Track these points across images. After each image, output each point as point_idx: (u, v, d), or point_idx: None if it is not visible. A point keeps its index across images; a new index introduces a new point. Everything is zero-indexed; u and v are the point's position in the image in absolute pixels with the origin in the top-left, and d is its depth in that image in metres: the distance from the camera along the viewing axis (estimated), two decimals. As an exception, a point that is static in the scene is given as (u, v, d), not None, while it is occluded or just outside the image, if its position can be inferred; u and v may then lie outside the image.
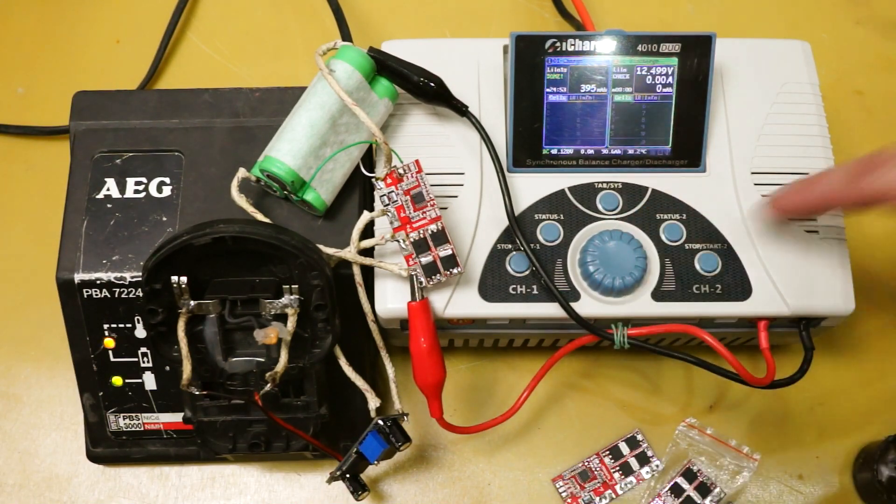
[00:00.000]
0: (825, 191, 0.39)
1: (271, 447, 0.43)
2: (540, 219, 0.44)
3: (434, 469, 0.49)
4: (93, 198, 0.45)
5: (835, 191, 0.38)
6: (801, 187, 0.41)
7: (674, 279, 0.43)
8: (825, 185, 0.39)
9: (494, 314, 0.43)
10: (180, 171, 0.45)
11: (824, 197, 0.39)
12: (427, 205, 0.42)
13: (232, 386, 0.41)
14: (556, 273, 0.43)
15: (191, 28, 0.61)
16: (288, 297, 0.40)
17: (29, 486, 0.49)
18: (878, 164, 0.36)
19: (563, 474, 0.49)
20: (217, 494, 0.48)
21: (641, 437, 0.49)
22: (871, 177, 0.36)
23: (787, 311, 0.43)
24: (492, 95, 0.47)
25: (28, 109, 0.58)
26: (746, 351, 0.50)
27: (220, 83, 0.50)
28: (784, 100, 0.47)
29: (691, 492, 0.48)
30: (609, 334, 0.43)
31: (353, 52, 0.43)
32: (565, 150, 0.45)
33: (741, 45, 0.48)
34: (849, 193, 0.37)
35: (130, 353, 0.45)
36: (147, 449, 0.47)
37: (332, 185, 0.44)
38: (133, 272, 0.43)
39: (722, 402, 0.51)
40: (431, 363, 0.42)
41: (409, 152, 0.45)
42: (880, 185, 0.36)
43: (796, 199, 0.41)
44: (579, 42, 0.44)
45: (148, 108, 0.47)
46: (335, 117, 0.43)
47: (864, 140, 0.58)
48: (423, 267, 0.42)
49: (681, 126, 0.45)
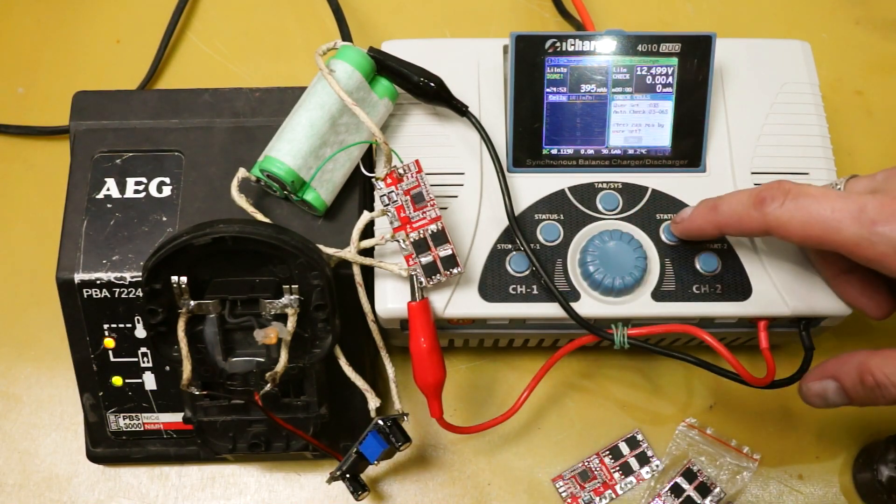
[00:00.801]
0: (729, 215, 0.39)
1: (271, 447, 0.43)
2: (540, 219, 0.44)
3: (434, 469, 0.49)
4: (93, 198, 0.45)
5: (739, 215, 0.39)
6: (706, 211, 0.41)
7: (674, 279, 0.43)
8: (729, 209, 0.39)
9: (494, 314, 0.43)
10: (180, 171, 0.45)
11: (728, 222, 0.40)
12: (427, 205, 0.42)
13: (232, 386, 0.41)
14: (556, 273, 0.43)
15: (191, 28, 0.61)
16: (288, 297, 0.40)
17: (29, 486, 0.49)
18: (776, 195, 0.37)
19: (563, 474, 0.49)
20: (217, 494, 0.48)
21: (641, 437, 0.50)
22: (773, 206, 0.37)
23: (787, 311, 0.43)
24: (492, 95, 0.47)
25: (28, 109, 0.58)
26: (746, 351, 0.50)
27: (220, 83, 0.50)
28: (784, 100, 0.47)
29: (691, 492, 0.48)
30: (609, 334, 0.43)
31: (353, 52, 0.43)
32: (565, 150, 0.46)
33: (741, 45, 0.48)
34: (751, 220, 0.38)
35: (130, 353, 0.45)
36: (147, 449, 0.47)
37: (332, 185, 0.44)
38: (133, 272, 0.43)
39: (722, 402, 0.51)
40: (431, 363, 0.42)
41: (409, 152, 0.45)
42: (779, 216, 0.37)
43: (700, 222, 0.41)
44: (579, 42, 0.44)
45: (148, 108, 0.47)
46: (335, 117, 0.43)
47: (864, 140, 0.58)
48: (423, 267, 0.42)
49: (681, 126, 0.45)
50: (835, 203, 0.36)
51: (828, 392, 0.39)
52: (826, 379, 0.39)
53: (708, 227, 0.41)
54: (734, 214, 0.39)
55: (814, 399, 0.40)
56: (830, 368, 0.39)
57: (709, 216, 0.41)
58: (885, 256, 0.35)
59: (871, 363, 0.37)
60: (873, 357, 0.37)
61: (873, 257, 0.35)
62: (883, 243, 0.34)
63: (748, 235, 0.43)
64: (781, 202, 0.37)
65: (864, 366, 0.37)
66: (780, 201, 0.37)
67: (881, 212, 0.35)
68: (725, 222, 0.40)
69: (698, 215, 0.42)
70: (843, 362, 0.39)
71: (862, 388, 0.38)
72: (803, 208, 0.36)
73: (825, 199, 0.36)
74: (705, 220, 0.41)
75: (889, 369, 0.36)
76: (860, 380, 0.37)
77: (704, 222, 0.41)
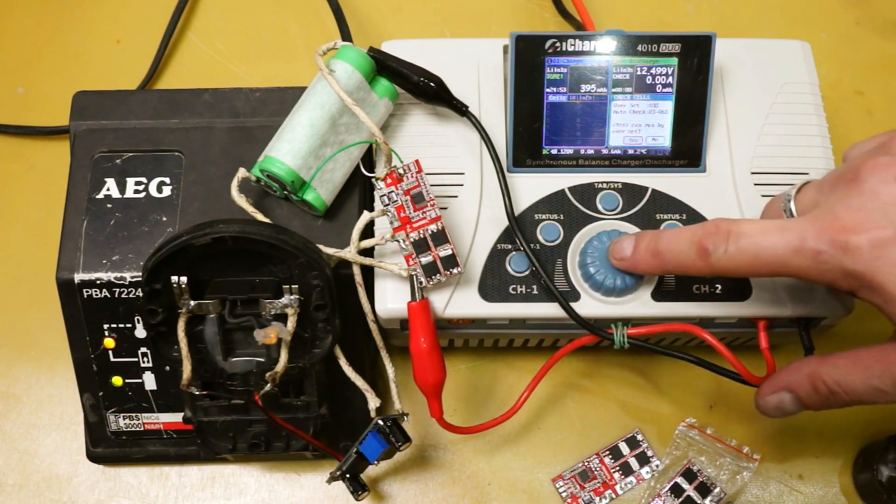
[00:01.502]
0: (675, 264, 0.39)
1: (271, 447, 0.43)
2: (540, 219, 0.44)
3: (434, 469, 0.49)
4: (93, 198, 0.45)
5: (684, 265, 0.39)
6: (649, 256, 0.40)
7: (674, 279, 0.43)
8: (674, 258, 0.39)
9: (494, 314, 0.43)
10: (180, 171, 0.45)
11: (674, 270, 0.40)
12: (427, 205, 0.42)
13: (232, 386, 0.41)
14: (556, 273, 0.43)
15: (191, 28, 0.61)
16: (288, 297, 0.40)
17: (29, 486, 0.49)
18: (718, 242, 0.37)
19: (563, 474, 0.49)
20: (217, 494, 0.48)
21: (641, 437, 0.50)
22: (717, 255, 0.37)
23: (788, 311, 0.43)
24: (492, 95, 0.47)
25: (28, 109, 0.58)
26: (746, 351, 0.50)
27: (220, 83, 0.50)
28: (784, 100, 0.47)
29: (691, 492, 0.48)
30: (609, 334, 0.43)
31: (353, 52, 0.43)
32: (565, 150, 0.46)
33: (741, 45, 0.48)
34: (698, 269, 0.38)
35: (130, 353, 0.45)
36: (147, 449, 0.47)
37: (332, 185, 0.44)
38: (133, 272, 0.43)
39: (722, 402, 0.51)
40: (431, 363, 0.42)
41: (409, 152, 0.45)
42: (726, 263, 0.37)
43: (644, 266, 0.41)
44: (579, 42, 0.44)
45: (148, 108, 0.47)
46: (335, 117, 0.43)
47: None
48: (423, 267, 0.42)
49: (681, 126, 0.45)
50: (775, 238, 0.35)
51: (784, 403, 0.40)
52: (780, 391, 0.40)
53: (652, 269, 0.41)
54: (679, 264, 0.39)
55: (772, 411, 0.40)
56: (783, 380, 0.39)
57: (653, 262, 0.40)
58: (836, 281, 0.35)
59: (821, 371, 0.37)
60: (823, 365, 0.37)
61: (826, 282, 0.35)
62: (830, 271, 0.34)
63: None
64: (725, 249, 0.36)
65: (814, 375, 0.38)
66: (723, 248, 0.36)
67: (820, 239, 0.34)
68: (671, 267, 0.39)
69: (642, 259, 0.40)
70: (793, 372, 0.39)
71: (816, 396, 0.38)
72: (745, 251, 0.36)
73: (765, 234, 0.36)
74: (649, 265, 0.40)
75: (838, 376, 0.37)
76: (813, 389, 0.38)
77: (649, 267, 0.40)
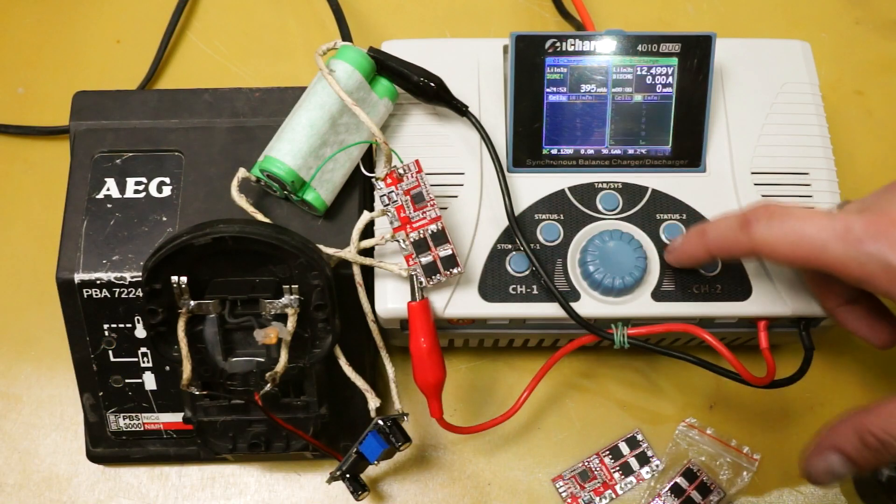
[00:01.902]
0: (717, 238, 0.39)
1: (271, 447, 0.43)
2: (540, 219, 0.44)
3: (434, 469, 0.49)
4: (93, 198, 0.45)
5: (726, 239, 0.38)
6: (696, 236, 0.41)
7: (674, 279, 0.43)
8: (717, 233, 0.39)
9: (494, 314, 0.43)
10: (180, 171, 0.45)
11: (716, 245, 0.39)
12: (427, 205, 0.42)
13: (232, 386, 0.41)
14: (556, 273, 0.43)
15: (191, 28, 0.61)
16: (288, 297, 0.40)
17: (29, 486, 0.49)
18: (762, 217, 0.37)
19: (563, 474, 0.49)
20: (217, 494, 0.48)
21: (641, 437, 0.50)
22: (758, 227, 0.37)
23: (787, 311, 0.43)
24: (492, 95, 0.47)
25: (28, 109, 0.58)
26: (746, 351, 0.50)
27: (220, 83, 0.50)
28: (784, 100, 0.47)
29: (691, 492, 0.48)
30: (609, 334, 0.43)
31: (353, 52, 0.43)
32: (565, 150, 0.46)
33: (741, 45, 0.48)
34: (739, 243, 0.38)
35: (130, 353, 0.45)
36: (147, 449, 0.47)
37: (332, 185, 0.44)
38: (133, 272, 0.43)
39: (722, 402, 0.51)
40: (431, 363, 0.42)
41: (409, 152, 0.45)
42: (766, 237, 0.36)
43: (690, 249, 0.41)
44: (579, 42, 0.44)
45: (148, 108, 0.47)
46: (335, 117, 0.43)
47: (864, 140, 0.58)
48: (423, 267, 0.42)
49: (681, 126, 0.45)
50: (821, 222, 0.35)
51: (834, 466, 0.37)
52: (827, 452, 0.38)
53: (699, 252, 0.41)
54: (722, 238, 0.39)
55: (822, 477, 0.38)
56: (828, 441, 0.38)
57: (698, 241, 0.40)
58: (874, 276, 0.34)
59: (867, 423, 0.36)
60: (867, 416, 0.36)
61: (861, 277, 0.34)
62: (871, 262, 0.34)
63: (738, 258, 0.43)
64: (768, 223, 0.36)
65: (861, 428, 0.36)
66: (766, 222, 0.37)
67: (867, 230, 0.34)
68: (714, 246, 0.39)
69: (688, 242, 0.41)
70: (838, 431, 0.37)
71: (867, 452, 0.36)
72: (790, 229, 0.36)
73: (811, 219, 0.36)
74: (695, 246, 0.41)
75: (887, 425, 0.35)
76: (863, 443, 0.36)
77: (695, 248, 0.41)
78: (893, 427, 0.35)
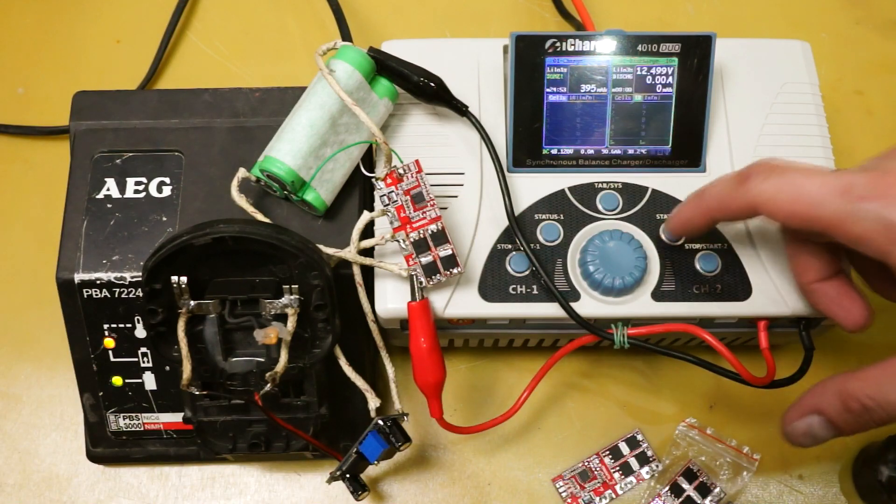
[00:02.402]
0: (715, 197, 0.38)
1: (271, 447, 0.43)
2: (540, 219, 0.44)
3: (434, 469, 0.49)
4: (93, 198, 0.45)
5: (724, 196, 0.38)
6: (693, 199, 0.41)
7: (674, 279, 0.43)
8: (715, 191, 0.39)
9: (494, 314, 0.43)
10: (180, 171, 0.45)
11: (714, 204, 0.39)
12: (427, 205, 0.42)
13: (232, 386, 0.41)
14: (556, 273, 0.43)
15: (191, 28, 0.61)
16: (288, 297, 0.40)
17: (29, 486, 0.49)
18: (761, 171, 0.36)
19: (563, 474, 0.49)
20: (217, 494, 0.48)
21: (641, 437, 0.50)
22: (755, 181, 0.36)
23: (788, 311, 0.43)
24: (492, 95, 0.47)
25: (28, 109, 0.58)
26: (746, 351, 0.50)
27: (220, 83, 0.50)
28: (784, 100, 0.47)
29: (691, 492, 0.48)
30: (609, 334, 0.43)
31: (353, 52, 0.43)
32: (565, 150, 0.46)
33: (741, 45, 0.48)
34: (736, 198, 0.37)
35: (130, 353, 0.45)
36: (147, 449, 0.47)
37: (332, 185, 0.44)
38: (133, 272, 0.43)
39: (722, 402, 0.51)
40: (431, 363, 0.42)
41: (409, 152, 0.45)
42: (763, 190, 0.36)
43: (688, 212, 0.41)
44: (579, 42, 0.44)
45: (148, 108, 0.47)
46: (335, 117, 0.43)
47: (864, 140, 0.58)
48: (423, 267, 0.42)
49: (681, 126, 0.45)
50: (822, 178, 0.34)
51: (814, 428, 0.37)
52: (809, 414, 0.37)
53: (696, 215, 0.40)
54: (720, 196, 0.38)
55: (801, 439, 0.38)
56: (809, 402, 0.37)
57: (696, 204, 0.40)
58: (872, 234, 0.32)
59: (851, 387, 0.35)
60: (851, 380, 0.35)
61: (859, 235, 0.33)
62: (868, 220, 0.32)
63: (736, 218, 0.41)
64: (767, 177, 0.36)
65: (844, 392, 0.35)
66: (764, 176, 0.36)
67: (868, 187, 0.33)
68: (712, 206, 0.39)
69: (686, 206, 0.41)
70: (820, 393, 0.36)
71: (849, 415, 0.35)
72: (789, 183, 0.35)
73: (812, 174, 0.35)
74: (693, 209, 0.40)
75: (871, 390, 0.34)
76: (844, 407, 0.35)
77: (692, 212, 0.40)
78: (878, 393, 0.34)
